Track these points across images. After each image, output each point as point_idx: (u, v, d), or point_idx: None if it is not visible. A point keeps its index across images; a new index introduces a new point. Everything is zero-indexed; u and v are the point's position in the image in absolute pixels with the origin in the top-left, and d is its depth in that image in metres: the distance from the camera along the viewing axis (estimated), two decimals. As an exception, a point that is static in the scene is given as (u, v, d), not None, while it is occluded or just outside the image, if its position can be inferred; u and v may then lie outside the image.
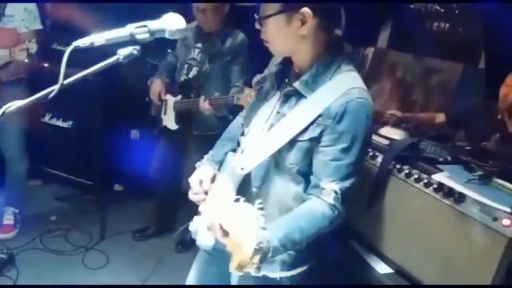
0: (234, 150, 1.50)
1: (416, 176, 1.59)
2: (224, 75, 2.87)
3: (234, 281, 1.50)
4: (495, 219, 1.35)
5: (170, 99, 3.01)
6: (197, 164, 1.51)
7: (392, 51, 4.14)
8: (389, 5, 3.93)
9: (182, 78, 2.98)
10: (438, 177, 1.49)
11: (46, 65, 3.40)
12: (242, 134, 1.45)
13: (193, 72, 2.94)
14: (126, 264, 2.91)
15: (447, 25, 4.08)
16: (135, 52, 1.12)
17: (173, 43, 3.06)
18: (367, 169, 1.79)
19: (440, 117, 2.89)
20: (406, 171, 1.63)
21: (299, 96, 1.29)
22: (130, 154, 3.45)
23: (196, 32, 2.91)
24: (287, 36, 1.28)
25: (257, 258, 1.03)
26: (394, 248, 1.72)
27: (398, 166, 1.67)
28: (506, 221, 1.32)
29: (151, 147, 3.25)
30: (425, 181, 1.56)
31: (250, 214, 1.09)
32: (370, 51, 4.29)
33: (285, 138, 1.26)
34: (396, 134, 1.82)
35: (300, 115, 1.26)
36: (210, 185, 1.39)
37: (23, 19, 2.77)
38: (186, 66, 2.97)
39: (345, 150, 1.22)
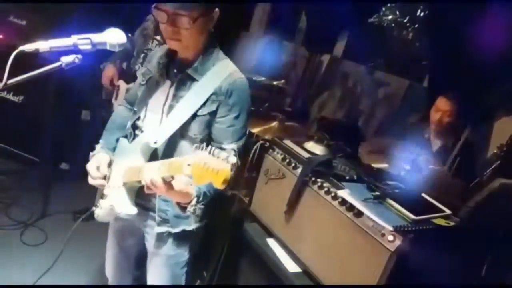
0: (125, 136, 1.70)
1: (326, 189, 1.79)
2: None
3: (151, 242, 1.71)
4: (382, 234, 1.57)
5: (123, 85, 3.06)
6: (92, 153, 1.68)
7: (346, 60, 4.36)
8: (347, 16, 4.10)
9: (137, 66, 3.04)
10: (341, 193, 1.68)
11: (0, 36, 3.37)
12: (138, 119, 1.66)
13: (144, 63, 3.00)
14: (67, 244, 2.96)
15: (411, 34, 4.33)
16: (77, 60, 1.26)
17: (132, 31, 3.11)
18: (288, 177, 1.98)
19: None
20: (319, 183, 1.83)
21: (192, 80, 1.56)
22: (79, 134, 3.49)
23: (157, 24, 2.97)
24: (201, 33, 1.53)
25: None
26: (303, 250, 1.91)
27: (313, 178, 1.86)
28: (390, 237, 1.54)
29: (101, 129, 3.29)
30: (333, 194, 1.76)
31: (206, 154, 1.18)
32: (325, 58, 4.50)
33: (187, 114, 1.53)
34: (318, 149, 2.00)
35: (196, 94, 1.54)
36: (107, 169, 1.60)
37: None
38: (142, 55, 3.03)
39: (237, 118, 1.56)
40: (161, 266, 1.75)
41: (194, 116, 1.53)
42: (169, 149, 1.57)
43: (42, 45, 1.21)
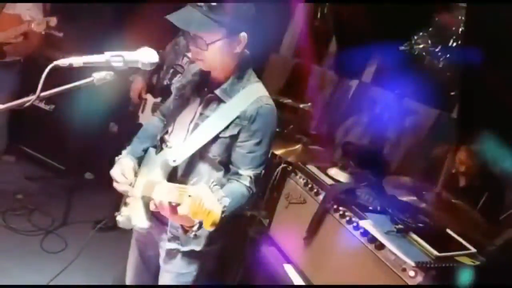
0: (154, 147, 1.70)
1: (348, 218, 1.75)
2: None
3: (162, 256, 1.71)
4: (403, 269, 1.52)
5: (150, 99, 3.12)
6: (117, 158, 1.66)
7: (374, 87, 4.32)
8: (378, 43, 4.08)
9: (165, 82, 3.07)
10: (364, 223, 1.64)
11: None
12: (166, 133, 1.66)
13: (177, 78, 3.04)
14: (83, 253, 2.98)
15: (442, 63, 4.27)
16: (108, 77, 1.28)
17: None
18: (310, 203, 1.96)
19: None
20: (341, 212, 1.80)
21: (219, 101, 1.54)
22: (105, 145, 3.55)
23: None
24: (224, 55, 1.51)
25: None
26: (321, 279, 1.87)
27: (335, 206, 1.82)
28: (411, 273, 1.49)
29: (126, 141, 3.34)
30: (355, 224, 1.72)
31: (207, 189, 1.24)
32: (354, 83, 4.47)
33: (210, 135, 1.51)
34: (342, 176, 1.97)
35: (221, 116, 1.52)
36: (133, 175, 1.58)
37: (28, 8, 2.84)
38: (171, 70, 3.06)
39: (258, 144, 1.53)
40: (169, 283, 1.73)
41: (216, 137, 1.52)
42: (188, 168, 1.57)
43: (75, 61, 1.23)
